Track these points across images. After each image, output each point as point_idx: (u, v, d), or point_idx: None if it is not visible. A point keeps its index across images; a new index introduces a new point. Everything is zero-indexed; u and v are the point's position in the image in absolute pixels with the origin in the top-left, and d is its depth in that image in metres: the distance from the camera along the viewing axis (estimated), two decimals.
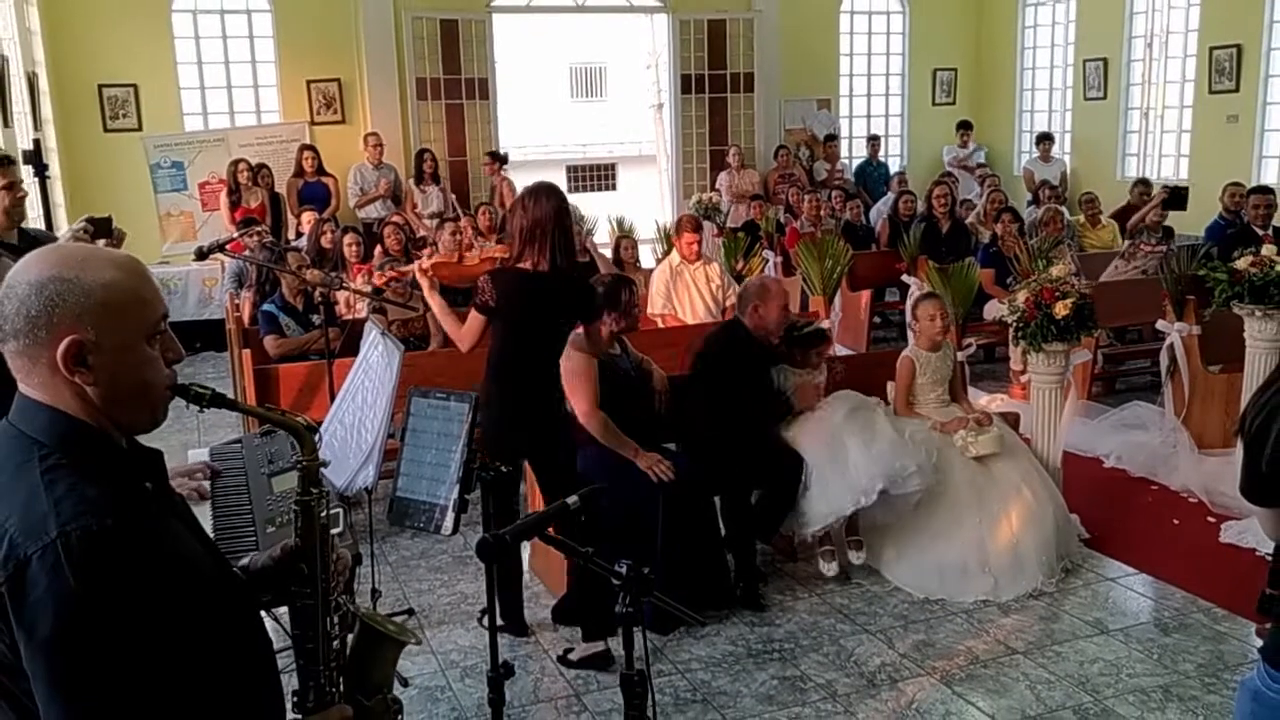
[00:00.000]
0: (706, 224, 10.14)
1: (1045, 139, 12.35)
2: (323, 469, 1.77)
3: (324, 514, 1.75)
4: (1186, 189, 9.21)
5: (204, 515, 2.64)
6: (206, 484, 2.84)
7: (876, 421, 4.79)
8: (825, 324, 5.88)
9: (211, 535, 2.36)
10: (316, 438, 1.78)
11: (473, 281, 4.21)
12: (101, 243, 3.70)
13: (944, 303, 5.15)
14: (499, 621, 4.35)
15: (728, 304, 6.64)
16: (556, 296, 4.08)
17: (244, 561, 1.86)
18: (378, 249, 8.33)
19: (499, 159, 10.99)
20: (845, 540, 4.76)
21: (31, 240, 3.74)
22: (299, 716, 1.72)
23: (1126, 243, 8.50)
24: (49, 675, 1.33)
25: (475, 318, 4.12)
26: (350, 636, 1.84)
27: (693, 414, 4.75)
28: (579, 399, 4.39)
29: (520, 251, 4.03)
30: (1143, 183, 10.33)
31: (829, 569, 4.72)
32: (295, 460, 1.78)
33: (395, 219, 8.79)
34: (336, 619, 1.77)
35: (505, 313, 4.02)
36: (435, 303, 4.29)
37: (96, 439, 1.48)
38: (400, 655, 1.91)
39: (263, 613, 1.80)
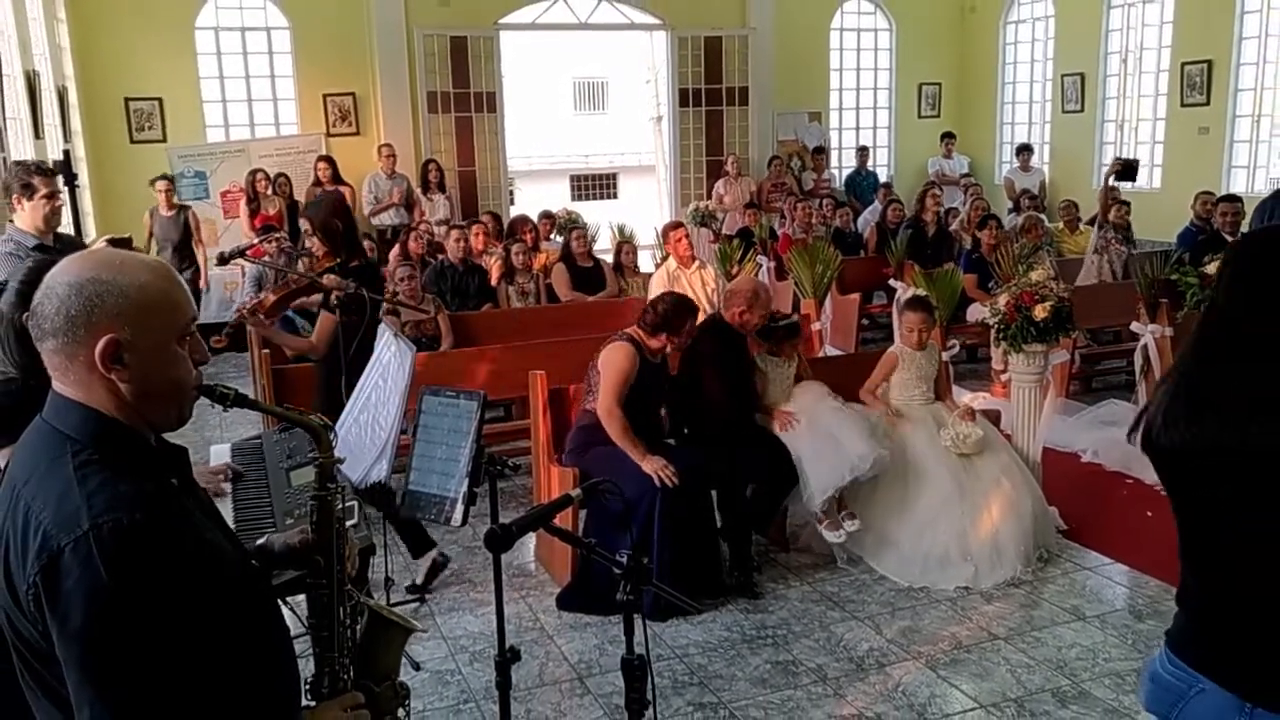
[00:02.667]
0: (703, 230, 10.16)
1: (1025, 150, 12.37)
2: (338, 465, 1.77)
3: (340, 508, 1.75)
4: (1136, 161, 8.91)
5: (225, 507, 2.64)
6: (227, 486, 2.83)
7: (837, 410, 4.87)
8: (816, 325, 5.87)
9: (233, 526, 2.36)
10: (332, 435, 1.78)
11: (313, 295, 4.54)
12: None
13: (927, 316, 5.11)
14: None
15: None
16: (381, 279, 4.95)
17: (260, 541, 1.85)
18: (393, 253, 8.36)
19: (168, 180, 9.34)
20: (838, 515, 4.73)
21: (66, 245, 3.78)
22: (313, 703, 1.72)
23: (1095, 234, 8.46)
24: (81, 664, 1.33)
25: (328, 318, 4.27)
26: (359, 626, 1.84)
27: (688, 403, 4.76)
28: (607, 393, 4.38)
29: (350, 251, 4.45)
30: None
31: (836, 536, 4.67)
32: (313, 457, 1.78)
33: (420, 226, 8.91)
34: (349, 608, 1.78)
35: (362, 302, 4.25)
36: (280, 339, 4.78)
37: (128, 436, 1.47)
38: (406, 643, 1.91)
39: (280, 602, 1.80)
